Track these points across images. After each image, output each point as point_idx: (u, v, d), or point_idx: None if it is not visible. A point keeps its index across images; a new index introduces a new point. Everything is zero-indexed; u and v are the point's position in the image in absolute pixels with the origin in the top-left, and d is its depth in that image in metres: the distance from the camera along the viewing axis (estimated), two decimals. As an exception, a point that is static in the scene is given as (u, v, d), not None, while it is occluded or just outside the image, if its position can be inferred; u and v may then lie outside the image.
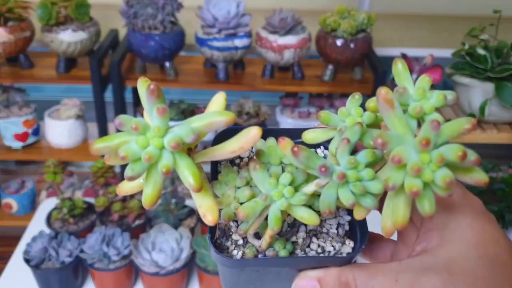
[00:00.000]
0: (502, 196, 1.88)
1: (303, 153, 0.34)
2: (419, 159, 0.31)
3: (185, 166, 0.34)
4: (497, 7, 1.79)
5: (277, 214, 0.37)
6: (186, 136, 0.33)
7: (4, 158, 1.90)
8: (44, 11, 1.59)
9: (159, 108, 0.33)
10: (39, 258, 1.25)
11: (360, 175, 0.34)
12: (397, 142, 0.32)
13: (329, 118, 0.38)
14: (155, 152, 0.33)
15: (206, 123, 0.35)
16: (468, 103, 1.78)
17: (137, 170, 0.34)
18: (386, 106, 0.33)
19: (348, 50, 1.63)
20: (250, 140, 0.36)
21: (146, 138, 0.33)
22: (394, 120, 0.33)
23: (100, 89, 1.65)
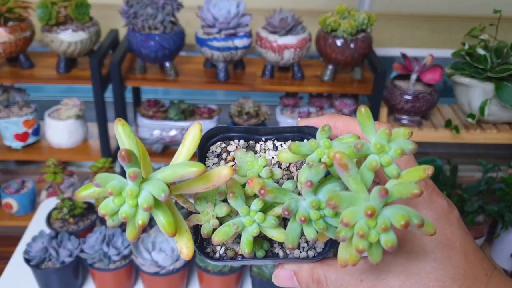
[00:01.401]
0: (501, 196, 1.89)
1: (269, 195, 0.38)
2: (366, 223, 0.35)
3: (160, 215, 0.39)
4: (497, 7, 1.79)
5: (248, 238, 0.41)
6: (157, 195, 0.37)
7: (4, 158, 1.90)
8: (44, 11, 1.59)
9: (131, 174, 0.36)
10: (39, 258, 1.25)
11: (322, 213, 0.37)
12: (348, 204, 0.35)
13: (299, 149, 0.41)
14: (131, 210, 0.37)
15: (178, 176, 0.39)
16: (468, 103, 1.78)
17: (116, 221, 0.38)
18: (341, 169, 0.36)
19: (348, 50, 1.63)
20: (221, 180, 0.40)
21: (122, 198, 0.37)
22: (349, 180, 0.36)
23: (100, 89, 1.65)
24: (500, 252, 2.14)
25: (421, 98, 1.76)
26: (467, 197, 1.91)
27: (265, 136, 0.49)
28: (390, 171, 0.37)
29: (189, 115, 1.79)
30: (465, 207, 1.89)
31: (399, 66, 1.81)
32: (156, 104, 1.79)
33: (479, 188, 1.91)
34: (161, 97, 2.12)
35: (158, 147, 1.81)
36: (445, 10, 1.94)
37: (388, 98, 1.81)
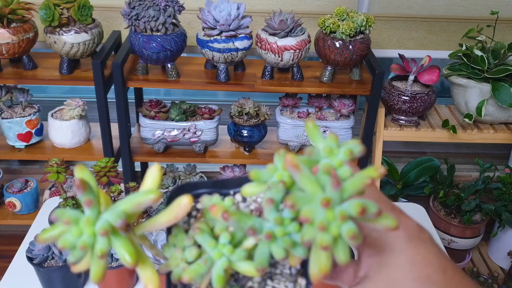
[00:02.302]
0: (498, 195, 1.90)
1: (232, 218, 0.37)
2: (325, 216, 0.35)
3: (120, 245, 0.38)
4: (494, 9, 1.81)
5: (219, 273, 0.39)
6: (114, 221, 0.37)
7: (7, 157, 1.92)
8: (47, 12, 1.61)
9: (86, 201, 0.36)
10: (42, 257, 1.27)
11: (287, 230, 0.37)
12: (306, 202, 0.36)
13: (259, 176, 0.41)
14: (89, 240, 0.37)
15: (135, 204, 0.38)
16: (465, 103, 1.80)
17: (77, 255, 0.37)
18: (294, 170, 0.36)
19: (346, 51, 1.65)
20: (182, 210, 0.39)
21: (79, 228, 0.37)
22: (303, 180, 0.36)
23: (103, 90, 1.67)
24: (497, 251, 2.16)
25: (418, 98, 1.78)
26: (464, 196, 1.93)
27: (233, 189, 0.48)
28: (342, 172, 0.37)
29: (190, 115, 1.81)
30: (462, 206, 1.91)
31: (397, 67, 1.83)
32: (158, 104, 1.81)
33: (476, 188, 1.93)
34: (163, 98, 2.14)
35: (159, 147, 1.83)
36: (443, 11, 1.96)
37: (386, 99, 1.83)
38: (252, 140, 1.82)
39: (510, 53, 1.71)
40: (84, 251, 0.37)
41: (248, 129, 1.80)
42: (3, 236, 2.32)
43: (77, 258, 0.37)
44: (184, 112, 1.80)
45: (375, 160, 1.90)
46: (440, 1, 1.94)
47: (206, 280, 0.41)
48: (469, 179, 2.32)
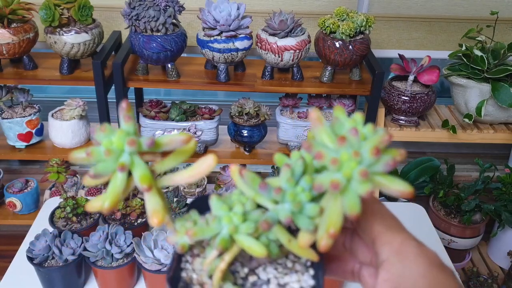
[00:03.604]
0: (498, 195, 1.91)
1: (247, 174, 0.38)
2: (339, 156, 0.35)
3: (139, 167, 0.39)
4: (494, 9, 1.82)
5: (225, 236, 0.39)
6: (144, 140, 0.38)
7: (8, 157, 1.92)
8: (47, 12, 1.61)
9: (125, 116, 0.38)
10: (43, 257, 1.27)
11: (297, 192, 0.37)
12: (322, 146, 0.36)
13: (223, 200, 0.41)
14: (114, 149, 0.38)
15: (168, 139, 0.40)
16: (464, 103, 1.80)
17: (100, 168, 0.38)
18: (317, 123, 0.37)
19: (346, 51, 1.65)
20: (206, 167, 0.41)
21: (110, 140, 0.38)
22: (322, 133, 0.37)
23: (103, 90, 1.67)
24: (497, 251, 2.16)
25: (418, 98, 1.78)
26: (464, 196, 1.93)
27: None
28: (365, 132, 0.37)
29: (190, 115, 1.82)
30: (462, 206, 1.91)
31: (397, 67, 1.83)
32: (158, 104, 1.81)
33: (476, 188, 1.93)
34: (163, 98, 2.14)
35: (159, 147, 1.83)
36: (442, 12, 1.96)
37: (386, 99, 1.83)
38: (252, 140, 1.82)
39: (510, 53, 1.71)
40: (107, 159, 0.38)
41: (248, 129, 1.80)
42: (3, 236, 2.32)
43: (97, 170, 0.38)
44: (184, 112, 1.80)
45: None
46: (440, 1, 1.94)
47: (210, 258, 0.41)
48: (469, 179, 2.33)
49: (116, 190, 0.39)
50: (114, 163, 0.38)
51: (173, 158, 0.43)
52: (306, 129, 1.80)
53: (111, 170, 0.39)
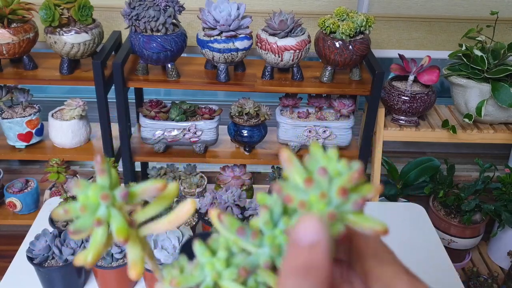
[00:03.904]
0: (498, 195, 1.91)
1: (226, 219, 0.37)
2: (308, 197, 0.35)
3: (116, 219, 0.39)
4: (494, 9, 1.82)
5: (208, 284, 0.39)
6: (118, 193, 0.38)
7: (8, 157, 1.92)
8: (47, 12, 1.61)
9: (99, 170, 0.38)
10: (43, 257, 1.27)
11: (275, 235, 0.36)
12: (293, 189, 0.36)
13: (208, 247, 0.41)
14: (90, 204, 0.38)
15: (142, 188, 0.40)
16: (464, 103, 1.80)
17: (78, 225, 0.38)
18: (287, 163, 0.37)
19: (346, 51, 1.65)
20: (185, 213, 0.41)
21: (86, 195, 0.38)
22: (293, 174, 0.36)
23: (103, 90, 1.67)
24: (497, 251, 2.16)
25: (418, 98, 1.78)
26: (464, 196, 1.93)
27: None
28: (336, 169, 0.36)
29: (190, 115, 1.82)
30: (462, 206, 1.91)
31: (397, 67, 1.83)
32: (158, 104, 1.81)
33: (476, 188, 1.93)
34: (163, 98, 2.14)
35: (160, 147, 1.83)
36: (442, 11, 1.96)
37: (386, 99, 1.84)
38: (252, 140, 1.82)
39: (510, 53, 1.71)
40: (84, 214, 0.38)
41: (248, 129, 1.80)
42: (3, 236, 2.32)
43: (76, 227, 0.38)
44: (184, 112, 1.80)
45: (375, 160, 1.90)
46: (440, 1, 1.94)
47: None
48: (469, 179, 2.33)
49: (97, 244, 0.39)
50: (91, 218, 0.38)
51: (154, 206, 0.43)
52: (306, 129, 1.81)
53: (89, 225, 0.39)
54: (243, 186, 1.95)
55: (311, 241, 0.33)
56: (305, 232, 0.33)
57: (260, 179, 2.31)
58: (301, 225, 0.33)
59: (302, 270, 0.32)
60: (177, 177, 2.03)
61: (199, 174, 2.05)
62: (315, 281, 0.32)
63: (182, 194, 1.99)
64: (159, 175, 2.00)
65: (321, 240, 0.33)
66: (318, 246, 0.33)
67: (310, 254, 0.32)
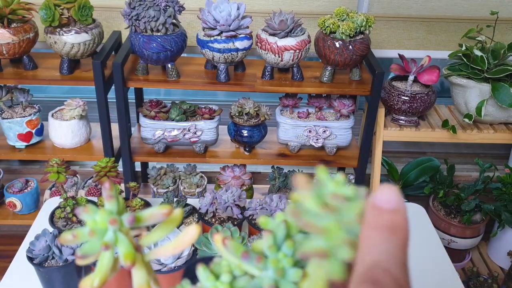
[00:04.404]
0: (498, 195, 1.91)
1: (230, 244, 0.38)
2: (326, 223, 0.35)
3: (123, 244, 0.40)
4: (494, 9, 1.82)
5: None
6: (125, 218, 0.39)
7: (8, 157, 1.92)
8: (47, 12, 1.61)
9: (107, 196, 0.39)
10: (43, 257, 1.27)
11: (279, 258, 0.37)
12: (310, 215, 0.36)
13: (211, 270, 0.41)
14: (98, 229, 0.39)
15: (149, 214, 0.41)
16: (464, 103, 1.80)
17: (86, 249, 0.39)
18: (302, 188, 0.37)
19: (346, 51, 1.65)
20: (189, 238, 0.41)
21: (94, 220, 0.39)
22: (309, 199, 0.37)
23: (103, 90, 1.68)
24: (497, 251, 2.16)
25: (418, 98, 1.78)
26: (464, 196, 1.93)
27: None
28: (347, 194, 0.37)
29: (190, 115, 1.82)
30: (462, 206, 1.91)
31: (397, 67, 1.83)
32: (158, 104, 1.81)
33: (476, 188, 1.93)
34: (163, 98, 2.14)
35: (160, 147, 1.83)
36: (442, 11, 1.96)
37: (386, 99, 1.84)
38: (252, 140, 1.82)
39: (509, 53, 1.71)
40: (92, 239, 0.39)
41: (248, 129, 1.80)
42: (3, 236, 2.32)
43: (83, 251, 0.39)
44: (184, 112, 1.80)
45: (375, 160, 1.90)
46: (440, 1, 1.94)
47: None
48: (469, 179, 2.33)
49: (104, 269, 0.40)
50: (99, 242, 0.39)
51: (160, 230, 0.44)
52: (306, 129, 1.81)
53: (97, 250, 0.40)
54: (243, 186, 1.95)
55: (395, 205, 0.34)
56: (388, 197, 0.35)
57: (260, 179, 2.31)
58: (383, 191, 0.35)
59: (389, 228, 0.34)
60: (177, 177, 2.03)
61: (199, 174, 2.05)
62: (400, 241, 0.33)
63: (182, 194, 1.99)
64: (159, 175, 2.00)
65: (402, 205, 0.34)
66: (401, 211, 0.34)
67: (395, 217, 0.34)
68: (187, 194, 1.99)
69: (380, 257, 0.33)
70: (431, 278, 1.17)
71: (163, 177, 2.00)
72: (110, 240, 0.39)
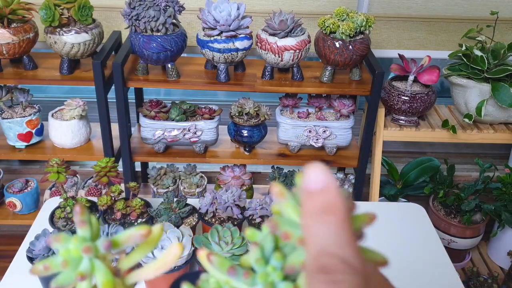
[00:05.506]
0: (498, 195, 1.91)
1: (215, 259, 0.37)
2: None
3: (100, 272, 0.38)
4: (494, 9, 1.82)
5: None
6: (100, 243, 0.37)
7: (8, 157, 1.92)
8: (47, 12, 1.61)
9: (80, 221, 0.37)
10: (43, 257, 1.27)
11: (268, 272, 0.35)
12: (289, 225, 0.35)
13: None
14: (72, 258, 0.37)
15: (126, 236, 0.39)
16: (464, 103, 1.80)
17: (60, 280, 0.37)
18: (279, 198, 0.36)
19: (346, 51, 1.65)
20: (172, 258, 0.40)
21: (67, 249, 0.37)
22: (287, 208, 0.36)
23: (103, 90, 1.68)
24: (497, 251, 2.16)
25: (418, 98, 1.78)
26: (464, 196, 1.94)
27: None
28: None
29: (190, 115, 1.82)
30: (462, 206, 1.91)
31: (397, 67, 1.83)
32: (158, 104, 1.81)
33: (476, 188, 1.94)
34: (163, 98, 2.14)
35: (159, 147, 1.83)
36: (442, 11, 1.96)
37: (386, 99, 1.84)
38: (252, 140, 1.82)
39: (510, 53, 1.71)
40: (66, 269, 0.37)
41: (248, 129, 1.80)
42: (3, 236, 2.32)
43: (58, 283, 0.37)
44: (184, 112, 1.80)
45: (375, 160, 1.90)
46: (440, 1, 1.94)
47: None
48: (469, 179, 2.33)
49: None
50: (74, 273, 0.37)
51: (138, 251, 0.42)
52: (306, 129, 1.81)
53: (72, 280, 0.38)
54: (243, 186, 1.95)
55: (322, 185, 0.34)
56: (315, 179, 0.34)
57: (260, 179, 2.31)
58: (309, 174, 0.34)
59: (322, 211, 0.33)
60: (177, 177, 2.03)
61: (199, 174, 2.05)
62: (336, 218, 0.33)
63: (182, 194, 1.99)
64: (159, 175, 2.00)
65: (331, 182, 0.34)
66: (330, 188, 0.34)
67: (325, 196, 0.33)
68: (187, 194, 1.99)
69: (323, 243, 0.32)
70: (431, 278, 1.17)
71: (163, 177, 2.00)
72: (85, 270, 0.37)
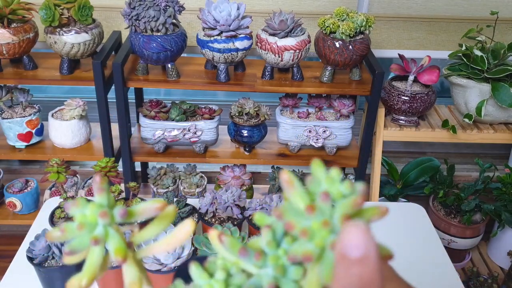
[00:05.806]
0: (498, 195, 1.91)
1: (226, 240, 0.36)
2: (311, 224, 0.33)
3: (114, 239, 0.38)
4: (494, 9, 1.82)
5: None
6: (116, 211, 0.38)
7: (8, 157, 1.92)
8: (47, 12, 1.61)
9: (99, 188, 0.37)
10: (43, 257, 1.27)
11: (279, 255, 0.35)
12: (294, 214, 0.34)
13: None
14: (87, 223, 0.37)
15: (142, 208, 0.40)
16: (464, 103, 1.80)
17: (74, 244, 0.37)
18: (288, 186, 0.36)
19: (346, 51, 1.65)
20: (184, 234, 0.40)
21: (83, 214, 0.37)
22: (295, 196, 0.35)
23: (103, 90, 1.68)
24: (497, 251, 2.16)
25: (418, 98, 1.78)
26: (464, 196, 1.94)
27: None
28: (339, 193, 0.35)
29: (190, 115, 1.82)
30: (462, 206, 1.91)
31: (397, 67, 1.83)
32: (158, 104, 1.81)
33: (476, 188, 1.94)
34: (163, 98, 2.14)
35: (159, 147, 1.83)
36: (442, 11, 1.96)
37: (386, 99, 1.84)
38: (252, 140, 1.82)
39: (510, 53, 1.71)
40: (80, 233, 0.37)
41: (248, 129, 1.80)
42: (3, 236, 2.32)
43: (71, 247, 0.37)
44: (184, 112, 1.80)
45: (375, 160, 1.90)
46: (440, 1, 1.94)
47: None
48: (469, 179, 2.33)
49: (93, 266, 0.38)
50: (88, 237, 0.37)
51: (153, 227, 0.42)
52: (306, 129, 1.81)
53: (86, 245, 0.38)
54: (243, 186, 1.95)
55: (362, 252, 0.30)
56: (356, 242, 0.30)
57: (260, 179, 2.31)
58: (349, 235, 0.31)
59: (358, 285, 0.31)
60: (177, 177, 2.03)
61: (199, 174, 2.05)
62: None
63: (182, 194, 1.99)
64: (159, 175, 2.00)
65: (372, 249, 0.30)
66: (370, 257, 0.31)
67: (364, 268, 0.31)
68: (187, 194, 1.99)
69: None
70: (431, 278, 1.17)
71: (163, 177, 2.00)
72: (100, 235, 0.37)
